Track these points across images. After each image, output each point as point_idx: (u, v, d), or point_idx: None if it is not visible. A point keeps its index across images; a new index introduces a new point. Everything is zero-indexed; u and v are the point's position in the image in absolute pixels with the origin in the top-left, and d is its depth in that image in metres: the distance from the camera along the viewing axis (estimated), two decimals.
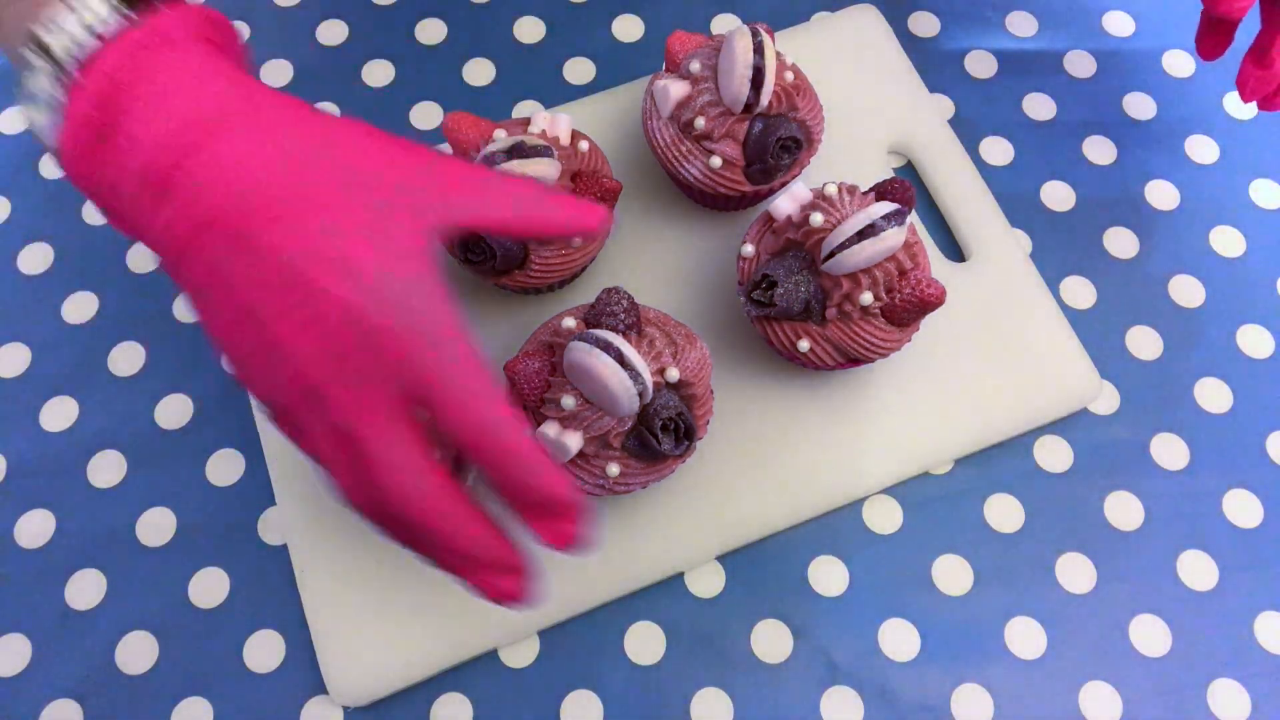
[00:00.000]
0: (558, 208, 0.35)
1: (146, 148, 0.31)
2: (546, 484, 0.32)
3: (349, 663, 0.42)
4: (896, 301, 0.41)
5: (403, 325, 0.30)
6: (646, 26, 0.57)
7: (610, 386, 0.37)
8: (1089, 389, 0.47)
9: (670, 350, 0.40)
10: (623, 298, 0.40)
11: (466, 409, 0.31)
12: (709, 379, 0.41)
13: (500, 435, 0.31)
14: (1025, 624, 0.44)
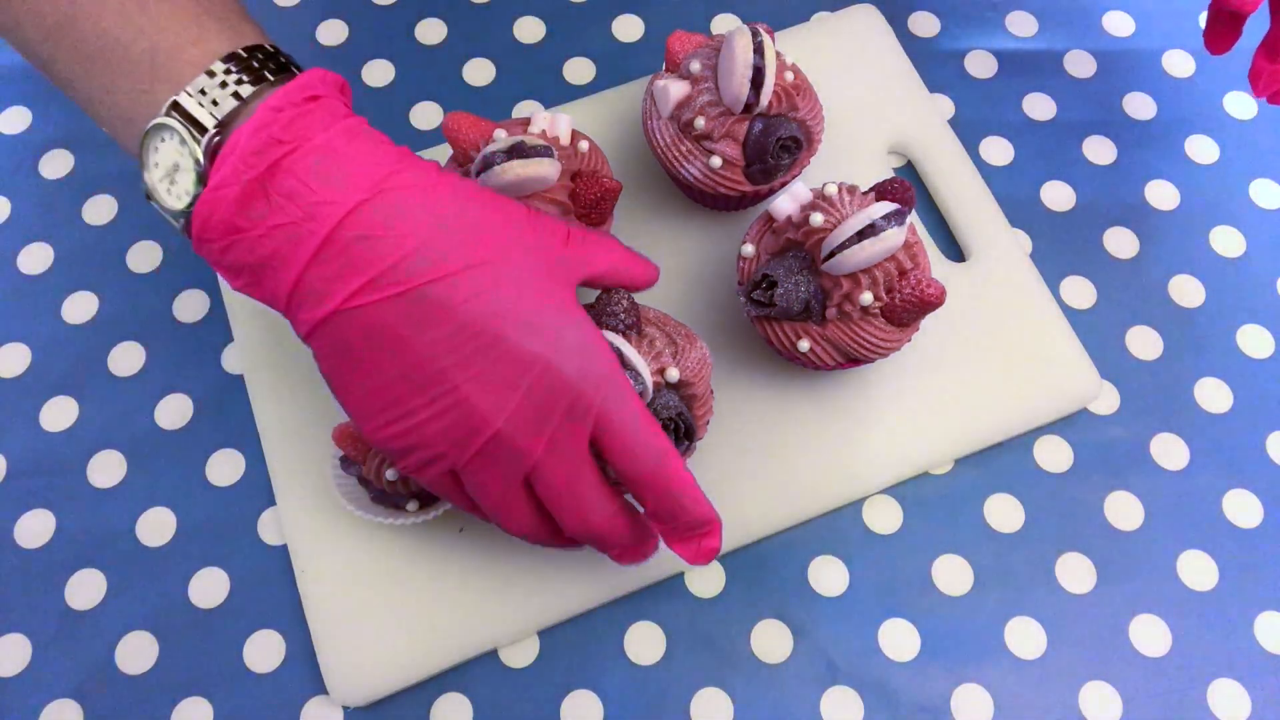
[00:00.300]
0: (638, 263, 0.40)
1: (311, 206, 0.31)
2: (701, 512, 0.36)
3: (349, 663, 0.42)
4: (896, 301, 0.41)
5: (580, 374, 0.33)
6: (646, 26, 0.57)
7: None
8: (1089, 389, 0.47)
9: (670, 350, 0.40)
10: (623, 298, 0.40)
11: (636, 444, 0.35)
12: (709, 379, 0.41)
13: (664, 468, 0.35)
14: (1025, 624, 0.44)
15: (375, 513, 0.42)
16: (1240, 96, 0.55)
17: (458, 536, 0.44)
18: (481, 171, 0.41)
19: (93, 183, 0.53)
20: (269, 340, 0.47)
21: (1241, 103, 0.55)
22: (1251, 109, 0.55)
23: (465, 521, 0.44)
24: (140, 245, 0.51)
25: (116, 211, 0.52)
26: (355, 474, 0.42)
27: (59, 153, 0.53)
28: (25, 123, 0.54)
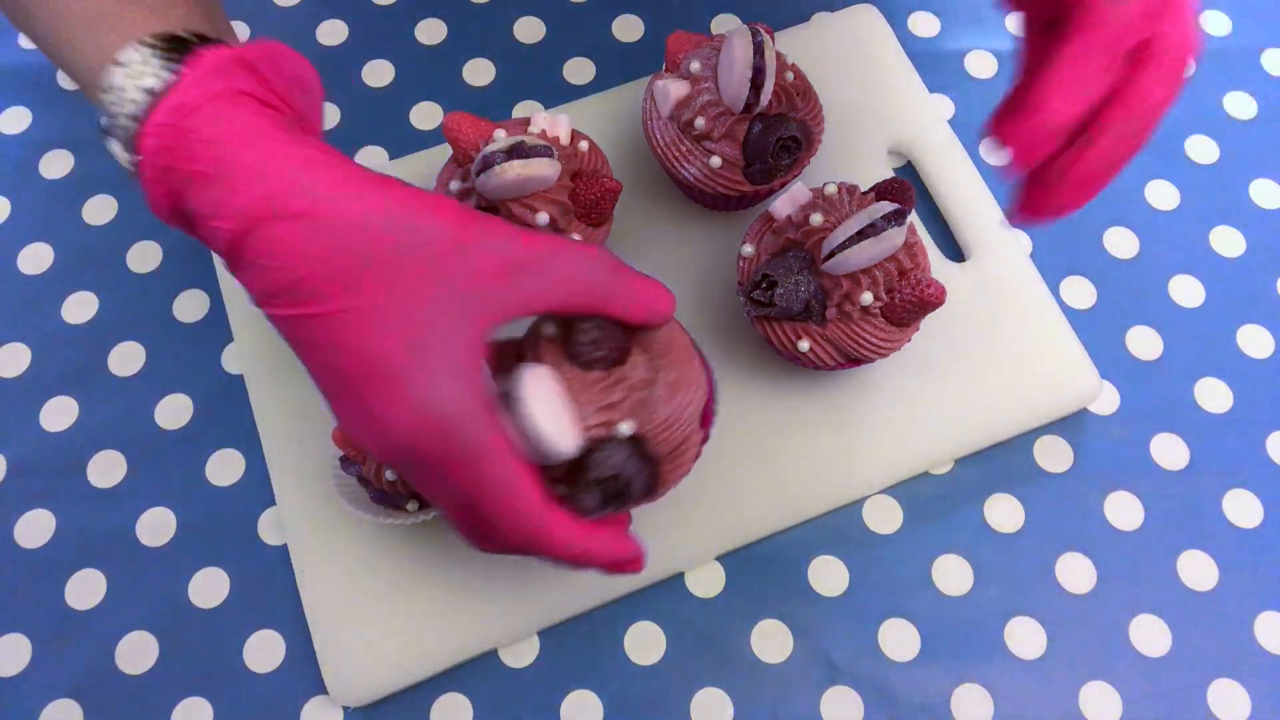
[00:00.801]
0: (634, 288, 0.34)
1: (211, 218, 0.31)
2: (599, 565, 0.35)
3: (349, 663, 0.42)
4: (896, 301, 0.41)
5: (439, 451, 0.31)
6: (646, 26, 0.57)
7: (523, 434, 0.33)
8: (1089, 389, 0.47)
9: (641, 396, 0.35)
10: (593, 329, 0.34)
11: (497, 515, 0.32)
12: (689, 431, 0.36)
13: (538, 541, 0.33)
14: (1025, 624, 0.44)
15: (375, 513, 0.42)
16: (1240, 96, 0.55)
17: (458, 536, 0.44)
18: (482, 171, 0.41)
19: (93, 183, 0.53)
20: (269, 340, 0.47)
21: (1241, 102, 0.55)
22: (1251, 109, 0.55)
23: None
24: (140, 245, 0.51)
25: (116, 211, 0.52)
26: (355, 474, 0.42)
27: (59, 153, 0.53)
28: (25, 123, 0.54)
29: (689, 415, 0.36)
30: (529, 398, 0.33)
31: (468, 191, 0.43)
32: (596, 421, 0.34)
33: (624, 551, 0.35)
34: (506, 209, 0.42)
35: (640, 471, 0.35)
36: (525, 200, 0.42)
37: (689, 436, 0.36)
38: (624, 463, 0.34)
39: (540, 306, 0.33)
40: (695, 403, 0.36)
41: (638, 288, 0.35)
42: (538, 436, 0.32)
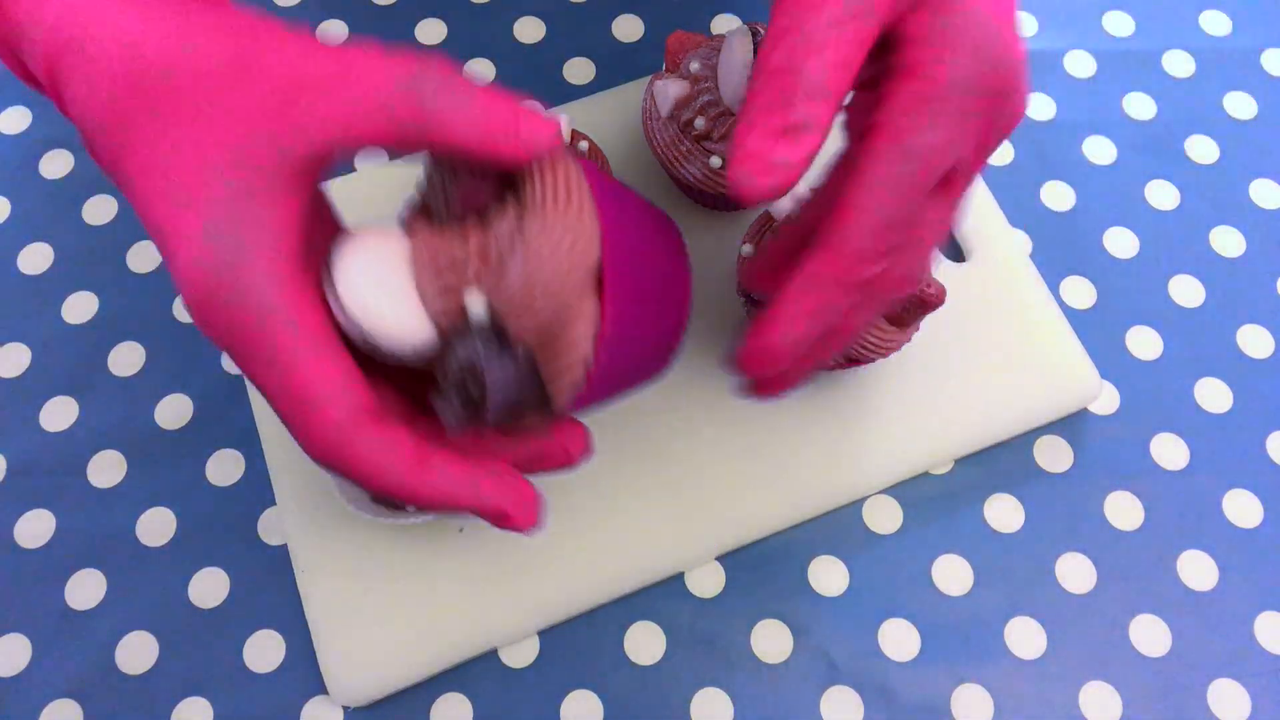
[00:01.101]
0: (475, 106, 0.27)
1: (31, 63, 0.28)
2: (441, 504, 0.28)
3: (349, 663, 0.42)
4: None
5: (225, 323, 0.26)
6: (646, 26, 0.57)
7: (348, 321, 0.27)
8: (1089, 389, 0.47)
9: (495, 258, 0.27)
10: (431, 171, 0.27)
11: (302, 434, 0.27)
12: (561, 301, 0.26)
13: (346, 467, 0.27)
14: (1025, 624, 0.44)
15: (375, 513, 0.42)
16: (1240, 96, 0.55)
17: (458, 536, 0.44)
18: None
19: (93, 183, 0.53)
20: None
21: (1241, 102, 0.55)
22: (1252, 109, 0.55)
23: (465, 521, 0.44)
24: (140, 245, 0.51)
25: (116, 211, 0.52)
26: None
27: (59, 153, 0.53)
28: (25, 123, 0.54)
29: (556, 276, 0.26)
30: (347, 270, 0.26)
31: None
32: (438, 291, 0.26)
33: (490, 494, 0.28)
34: None
35: (505, 364, 0.26)
36: None
37: (566, 310, 0.26)
38: (479, 353, 0.26)
39: (342, 134, 0.26)
40: (567, 260, 0.26)
41: (482, 105, 0.27)
42: (359, 319, 0.26)
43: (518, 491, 0.29)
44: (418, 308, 0.26)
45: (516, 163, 0.27)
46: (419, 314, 0.26)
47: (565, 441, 0.31)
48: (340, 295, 0.26)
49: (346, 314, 0.25)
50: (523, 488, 0.29)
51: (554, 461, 0.31)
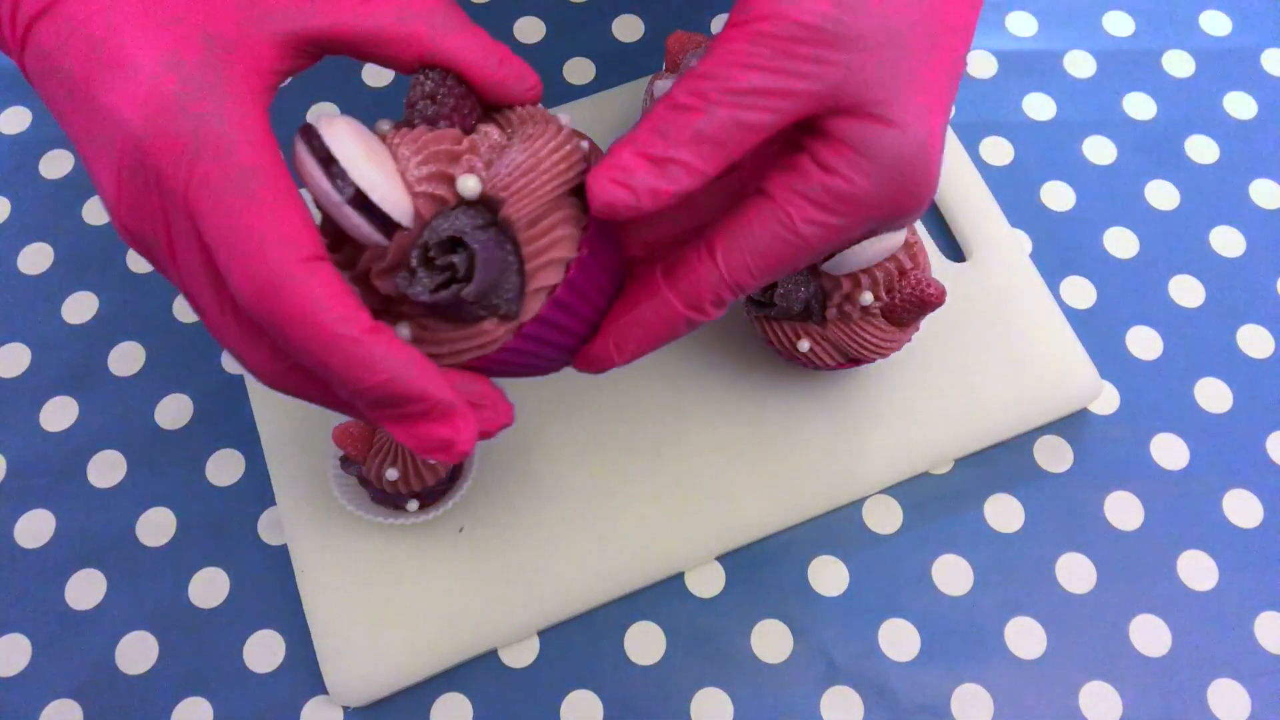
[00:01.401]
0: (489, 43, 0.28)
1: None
2: (372, 379, 0.25)
3: (349, 663, 0.42)
4: (896, 301, 0.41)
5: (171, 148, 0.24)
6: (646, 26, 0.57)
7: (309, 192, 0.26)
8: (1089, 389, 0.47)
9: (487, 155, 0.27)
10: (427, 78, 0.28)
11: (230, 258, 0.24)
12: (553, 192, 0.28)
13: (270, 299, 0.24)
14: (1025, 624, 0.44)
15: (375, 513, 0.42)
16: (1240, 96, 0.55)
17: (458, 536, 0.44)
18: None
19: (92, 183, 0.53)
20: None
21: (1241, 102, 0.55)
22: (1251, 109, 0.55)
23: (465, 521, 0.44)
24: None
25: None
26: (355, 474, 0.42)
27: (59, 153, 0.53)
28: (25, 123, 0.54)
29: (552, 170, 0.27)
30: (335, 128, 0.25)
31: None
32: (427, 174, 0.26)
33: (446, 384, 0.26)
34: None
35: (493, 242, 0.26)
36: None
37: (558, 206, 0.28)
38: (468, 226, 0.26)
39: (359, 23, 0.27)
40: (564, 162, 0.28)
41: (496, 49, 0.29)
42: (349, 169, 0.25)
43: (478, 392, 0.27)
44: (400, 185, 0.26)
45: (499, 93, 0.28)
46: (399, 188, 0.26)
47: (499, 400, 0.29)
48: (331, 146, 0.25)
49: (334, 168, 0.25)
50: (483, 388, 0.28)
51: (486, 418, 0.29)
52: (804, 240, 0.29)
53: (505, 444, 0.45)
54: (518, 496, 0.44)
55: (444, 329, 0.28)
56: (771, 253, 0.29)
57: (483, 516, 0.44)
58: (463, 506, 0.44)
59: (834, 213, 0.28)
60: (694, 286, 0.29)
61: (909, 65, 0.28)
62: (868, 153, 0.28)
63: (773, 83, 0.27)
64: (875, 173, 0.28)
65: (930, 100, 0.29)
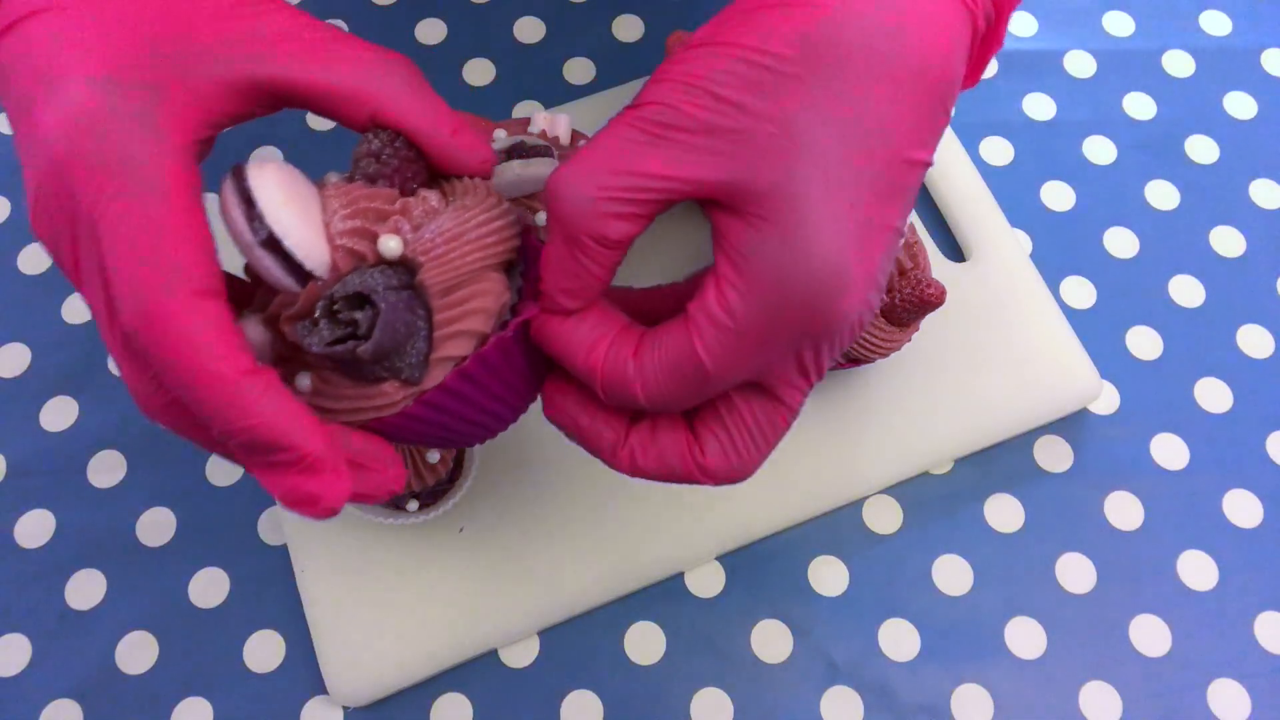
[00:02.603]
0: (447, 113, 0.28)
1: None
2: (235, 421, 0.24)
3: (349, 663, 0.42)
4: (896, 301, 0.41)
5: (85, 164, 0.24)
6: (646, 26, 0.57)
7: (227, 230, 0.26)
8: (1089, 389, 0.47)
9: (419, 219, 0.27)
10: (373, 139, 0.27)
11: (117, 287, 0.24)
12: (479, 262, 0.27)
13: (146, 331, 0.24)
14: (1025, 624, 0.44)
15: (375, 513, 0.42)
16: (1240, 96, 0.55)
17: (458, 536, 0.44)
18: None
19: None
20: None
21: (1241, 102, 0.55)
22: (1252, 109, 0.55)
23: (465, 521, 0.44)
24: None
25: None
26: None
27: None
28: None
29: (479, 241, 0.27)
30: (262, 172, 0.25)
31: None
32: (350, 228, 0.25)
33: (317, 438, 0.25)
34: None
35: (402, 304, 0.25)
36: (525, 200, 0.42)
37: (481, 278, 0.27)
38: (380, 285, 0.25)
39: (314, 86, 0.26)
40: (493, 235, 0.27)
41: (450, 119, 0.28)
42: (267, 214, 0.24)
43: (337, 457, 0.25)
44: (320, 235, 0.25)
45: (447, 162, 0.28)
46: (319, 238, 0.25)
47: (388, 462, 0.28)
48: (253, 188, 0.25)
49: (254, 209, 0.24)
50: (342, 460, 0.26)
51: (373, 480, 0.27)
52: (704, 369, 0.26)
53: (505, 444, 0.45)
54: (518, 496, 0.44)
55: (344, 385, 0.27)
56: (676, 374, 0.27)
57: (483, 516, 0.44)
58: (463, 506, 0.44)
59: (724, 338, 0.26)
60: (614, 384, 0.28)
61: (817, 165, 0.25)
62: (746, 267, 0.26)
63: (653, 169, 0.26)
64: (757, 293, 0.25)
65: (849, 209, 0.26)
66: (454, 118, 0.28)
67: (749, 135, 0.25)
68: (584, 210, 0.26)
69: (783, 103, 0.25)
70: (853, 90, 0.25)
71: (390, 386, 0.27)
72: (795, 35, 0.25)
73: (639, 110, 0.26)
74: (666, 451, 0.29)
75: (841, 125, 0.25)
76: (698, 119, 0.25)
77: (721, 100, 0.25)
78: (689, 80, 0.26)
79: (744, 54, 0.25)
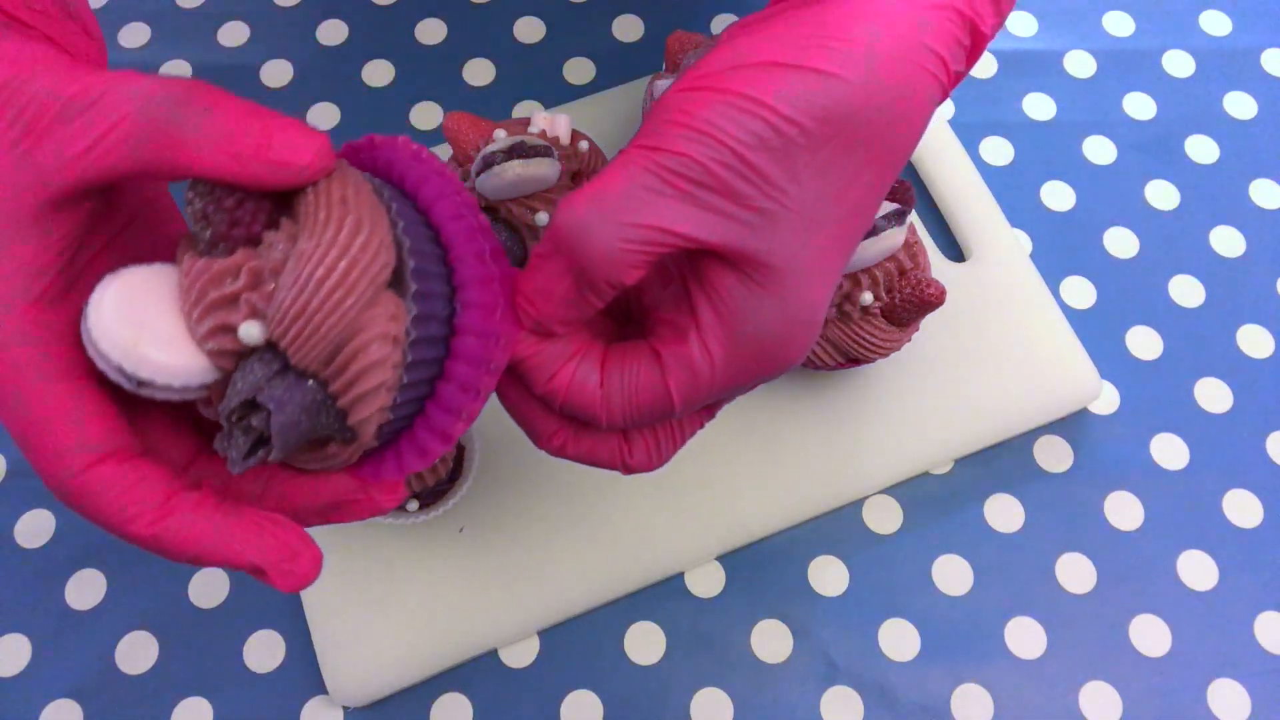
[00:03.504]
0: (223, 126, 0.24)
1: None
2: (174, 557, 0.25)
3: (349, 663, 0.42)
4: (896, 301, 0.41)
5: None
6: (646, 26, 0.57)
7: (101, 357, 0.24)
8: (1089, 389, 0.47)
9: (269, 285, 0.24)
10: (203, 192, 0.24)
11: (30, 460, 0.24)
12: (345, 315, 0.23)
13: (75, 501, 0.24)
14: (1025, 624, 0.44)
15: None
16: (1240, 96, 0.55)
17: (458, 536, 0.44)
18: (482, 171, 0.41)
19: None
20: None
21: (1241, 102, 0.55)
22: (1251, 109, 0.55)
23: (465, 521, 0.44)
24: None
25: None
26: None
27: None
28: None
29: (330, 298, 0.23)
30: (99, 305, 0.23)
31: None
32: (208, 330, 0.23)
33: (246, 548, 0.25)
34: (506, 209, 0.42)
35: (293, 393, 0.24)
36: (525, 200, 0.42)
37: (352, 328, 0.24)
38: (263, 380, 0.23)
39: (83, 171, 0.23)
40: (354, 267, 0.23)
41: (231, 125, 0.24)
42: (109, 354, 0.23)
43: (280, 546, 0.26)
44: (188, 344, 0.24)
45: (269, 186, 0.24)
46: (190, 350, 0.24)
47: (373, 486, 0.27)
48: (90, 329, 0.23)
49: (96, 349, 0.23)
50: (287, 541, 0.26)
51: (357, 510, 0.28)
52: (673, 408, 0.28)
53: (505, 444, 0.45)
54: (518, 496, 0.44)
55: (298, 451, 0.26)
56: (644, 409, 0.28)
57: (483, 516, 0.44)
58: (463, 506, 0.44)
59: (699, 383, 0.27)
60: (577, 407, 0.28)
61: (820, 244, 0.27)
62: (736, 323, 0.27)
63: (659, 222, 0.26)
64: (739, 347, 0.27)
65: (831, 276, 0.28)
66: (255, 125, 0.24)
67: (771, 212, 0.26)
68: (607, 260, 0.26)
69: (800, 178, 0.26)
70: (855, 173, 0.27)
71: (334, 447, 0.26)
72: (819, 108, 0.26)
73: (659, 156, 0.26)
74: (597, 448, 0.30)
75: (840, 204, 0.27)
76: (725, 183, 0.26)
77: (748, 167, 0.26)
78: (716, 137, 0.26)
79: (769, 118, 0.25)
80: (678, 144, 0.26)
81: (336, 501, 0.27)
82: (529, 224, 0.42)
